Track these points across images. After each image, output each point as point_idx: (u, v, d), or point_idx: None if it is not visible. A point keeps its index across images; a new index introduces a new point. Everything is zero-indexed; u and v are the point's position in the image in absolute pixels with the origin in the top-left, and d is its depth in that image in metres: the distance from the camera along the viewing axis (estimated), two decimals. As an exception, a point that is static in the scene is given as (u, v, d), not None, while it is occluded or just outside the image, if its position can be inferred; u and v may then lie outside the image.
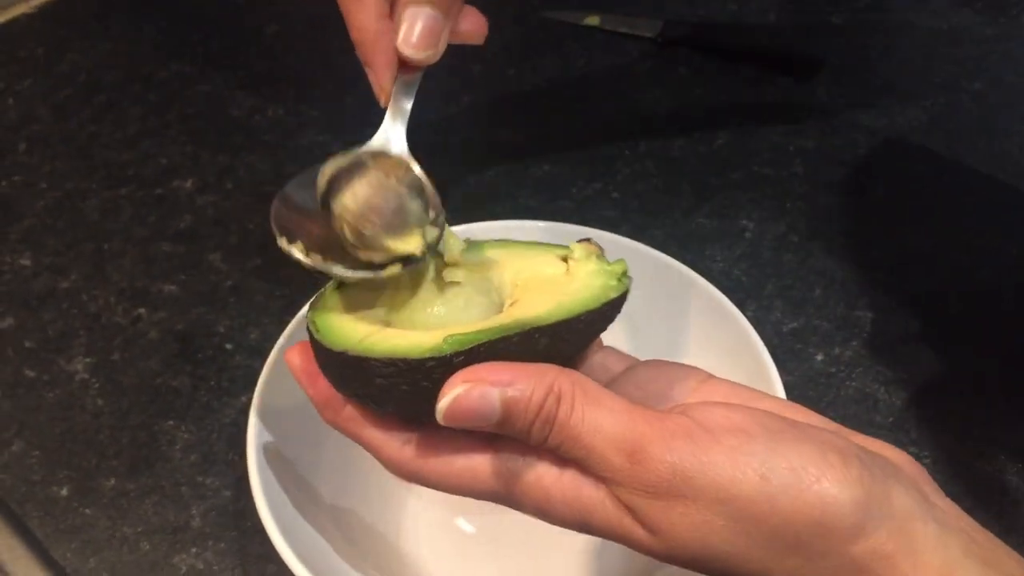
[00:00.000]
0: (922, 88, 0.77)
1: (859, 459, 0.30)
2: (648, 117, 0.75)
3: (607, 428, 0.30)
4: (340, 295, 0.36)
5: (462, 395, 0.30)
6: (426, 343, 0.31)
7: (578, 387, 0.31)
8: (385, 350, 0.31)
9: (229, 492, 0.51)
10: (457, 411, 0.30)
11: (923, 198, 0.68)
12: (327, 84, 0.78)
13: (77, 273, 0.63)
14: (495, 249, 0.38)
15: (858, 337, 0.59)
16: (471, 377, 0.31)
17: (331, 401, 0.34)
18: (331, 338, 0.32)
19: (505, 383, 0.30)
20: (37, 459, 0.53)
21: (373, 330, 0.33)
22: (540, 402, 0.31)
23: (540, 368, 0.31)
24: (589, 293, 0.35)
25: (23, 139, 0.72)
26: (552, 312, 0.33)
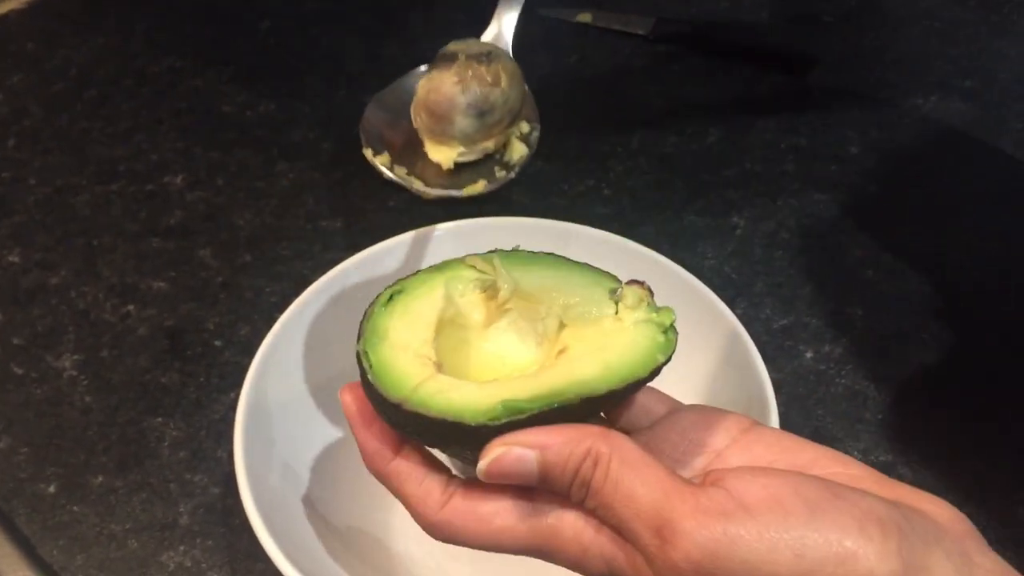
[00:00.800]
0: (915, 86, 0.77)
1: (899, 528, 0.29)
2: (640, 114, 0.75)
3: (640, 500, 0.30)
4: (388, 315, 0.36)
5: (500, 457, 0.32)
6: (481, 404, 0.32)
7: (616, 453, 0.31)
8: (440, 408, 0.32)
9: (217, 489, 0.51)
10: (496, 471, 0.32)
11: (915, 196, 0.68)
12: (318, 79, 0.78)
13: (67, 269, 0.62)
14: (544, 269, 0.38)
15: (848, 335, 0.59)
16: (510, 440, 0.32)
17: (379, 453, 0.35)
18: (386, 384, 0.33)
19: (542, 447, 0.31)
20: (25, 456, 0.53)
21: (426, 374, 0.33)
22: (576, 467, 0.31)
23: (579, 431, 0.32)
24: (638, 354, 0.34)
25: (13, 134, 0.72)
26: (602, 377, 0.33)
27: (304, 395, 0.50)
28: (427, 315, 0.36)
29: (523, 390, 0.32)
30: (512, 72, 0.38)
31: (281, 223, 0.66)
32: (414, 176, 0.37)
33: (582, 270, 0.38)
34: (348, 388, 0.36)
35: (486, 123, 0.37)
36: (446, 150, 0.38)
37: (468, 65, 0.37)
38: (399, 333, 0.35)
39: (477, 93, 0.37)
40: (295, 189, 0.69)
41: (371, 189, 0.68)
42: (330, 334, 0.51)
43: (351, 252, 0.61)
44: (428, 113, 0.37)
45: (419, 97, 0.37)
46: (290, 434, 0.48)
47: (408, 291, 0.36)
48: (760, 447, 0.35)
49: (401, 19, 0.84)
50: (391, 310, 0.36)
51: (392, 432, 0.35)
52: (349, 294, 0.52)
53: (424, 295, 0.36)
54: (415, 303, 0.36)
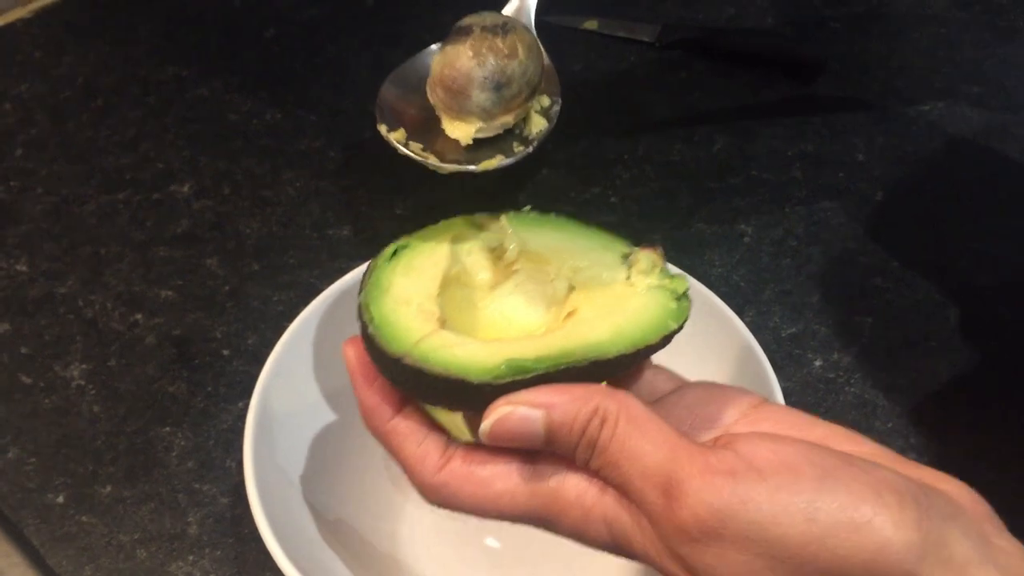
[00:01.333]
0: (921, 93, 0.77)
1: (916, 500, 0.28)
2: (647, 121, 0.75)
3: (646, 458, 0.30)
4: (392, 268, 0.35)
5: (505, 416, 0.30)
6: (485, 363, 0.31)
7: (623, 410, 0.30)
8: (443, 363, 0.31)
9: (226, 499, 0.51)
10: (500, 432, 0.31)
11: (922, 203, 0.68)
12: (324, 88, 0.78)
13: (74, 278, 0.62)
14: (554, 231, 0.37)
15: (857, 343, 0.59)
16: (516, 399, 0.31)
17: (378, 410, 0.34)
18: (387, 338, 0.32)
19: (549, 406, 0.30)
20: (33, 466, 0.53)
21: (429, 330, 0.32)
22: (583, 426, 0.30)
23: (586, 389, 0.31)
24: (650, 320, 0.33)
25: (20, 143, 0.72)
26: (612, 341, 0.32)
27: (313, 405, 0.50)
28: (432, 271, 0.35)
29: (529, 350, 0.32)
30: (530, 44, 0.37)
31: (287, 232, 0.66)
32: (430, 152, 0.36)
33: (594, 233, 0.37)
34: (351, 342, 0.35)
35: (504, 97, 0.37)
36: (464, 126, 0.37)
37: (483, 38, 0.36)
38: (402, 287, 0.34)
39: (494, 65, 0.36)
40: (301, 197, 0.69)
41: (377, 197, 0.68)
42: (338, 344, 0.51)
43: (358, 260, 0.61)
44: (444, 89, 0.36)
45: (434, 73, 0.36)
46: (299, 444, 0.48)
47: (413, 247, 0.35)
48: (769, 423, 0.33)
49: (406, 27, 0.84)
50: (395, 264, 0.35)
51: (393, 390, 0.34)
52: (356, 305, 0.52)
53: (429, 251, 0.35)
54: (420, 258, 0.35)
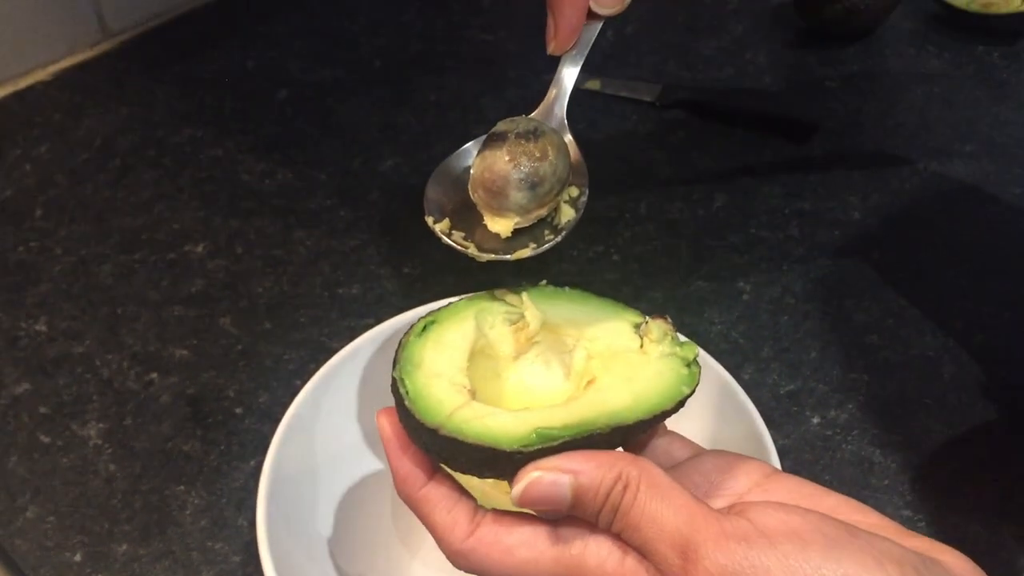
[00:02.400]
0: (915, 151, 0.79)
1: (915, 569, 0.30)
2: (648, 179, 0.77)
3: (666, 521, 0.32)
4: (423, 344, 0.37)
5: (535, 481, 0.33)
6: (516, 431, 0.33)
7: (645, 475, 0.33)
8: (476, 434, 0.33)
9: (238, 557, 0.53)
10: (531, 496, 0.33)
11: (917, 261, 0.70)
12: (335, 148, 0.80)
13: (91, 338, 0.64)
14: (570, 304, 0.40)
15: (854, 400, 0.61)
16: (544, 465, 0.33)
17: (411, 478, 0.36)
18: (422, 410, 0.34)
19: (576, 472, 0.33)
20: (51, 524, 0.54)
21: (461, 402, 0.35)
22: (608, 490, 0.32)
23: (610, 456, 0.33)
24: (664, 386, 0.36)
25: (40, 204, 0.74)
26: (631, 408, 0.35)
27: (324, 464, 0.51)
28: (460, 345, 0.37)
29: (555, 418, 0.34)
30: (559, 144, 0.42)
31: (298, 290, 0.68)
32: (471, 242, 0.42)
33: (606, 304, 0.40)
34: (384, 413, 0.37)
35: (538, 194, 0.42)
36: (504, 221, 0.42)
37: (518, 143, 0.41)
38: (433, 361, 0.36)
39: (527, 168, 0.41)
40: (312, 257, 0.70)
41: (386, 256, 0.70)
42: (349, 404, 0.53)
43: (367, 319, 0.63)
44: (485, 190, 0.41)
45: (475, 176, 0.42)
46: (310, 502, 0.49)
47: (441, 321, 0.38)
48: (781, 493, 0.36)
49: (414, 89, 0.86)
50: (425, 339, 0.37)
51: (425, 459, 0.36)
52: (369, 365, 0.53)
53: (456, 326, 0.38)
54: (448, 333, 0.38)
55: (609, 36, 0.91)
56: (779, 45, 0.92)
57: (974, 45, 0.91)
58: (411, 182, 0.77)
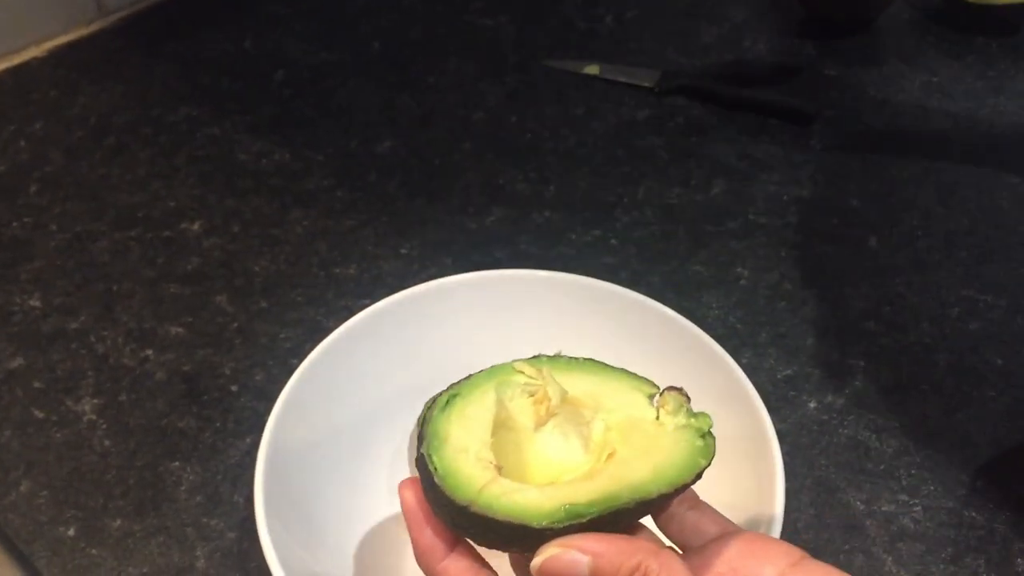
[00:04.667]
0: (914, 140, 0.79)
1: None
2: (646, 165, 0.77)
3: None
4: (447, 418, 0.38)
5: (555, 557, 0.33)
6: (544, 508, 0.34)
7: (664, 570, 0.33)
8: (506, 511, 0.34)
9: (233, 534, 0.52)
10: (548, 570, 0.33)
11: (914, 249, 0.70)
12: (333, 130, 0.80)
13: (86, 314, 0.64)
14: (585, 375, 0.41)
15: (850, 385, 0.61)
16: (565, 543, 0.34)
17: (432, 551, 0.36)
18: (452, 487, 0.35)
19: (596, 554, 0.33)
20: (45, 499, 0.54)
21: (488, 477, 0.35)
22: None
23: (632, 544, 0.34)
24: (682, 459, 0.37)
25: (35, 181, 0.74)
26: (653, 481, 0.36)
27: (321, 442, 0.51)
28: (483, 418, 0.38)
29: (582, 494, 0.35)
30: None
31: (295, 270, 0.68)
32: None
33: (620, 375, 0.41)
34: (407, 485, 0.37)
35: None
36: None
37: None
38: (459, 436, 0.37)
39: None
40: (309, 236, 0.70)
41: (383, 236, 0.70)
42: (347, 383, 0.52)
43: (364, 299, 0.63)
44: None
45: None
46: (307, 480, 0.49)
47: (463, 395, 0.38)
48: None
49: (413, 72, 0.86)
50: (449, 414, 0.38)
51: (445, 531, 0.37)
52: (365, 344, 0.53)
53: (478, 399, 0.38)
54: (470, 407, 0.38)
55: (609, 22, 0.91)
56: (779, 34, 0.92)
57: (973, 36, 0.91)
58: (409, 164, 0.77)
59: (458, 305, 0.56)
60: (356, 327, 0.53)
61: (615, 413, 0.39)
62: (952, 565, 0.52)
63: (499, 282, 0.56)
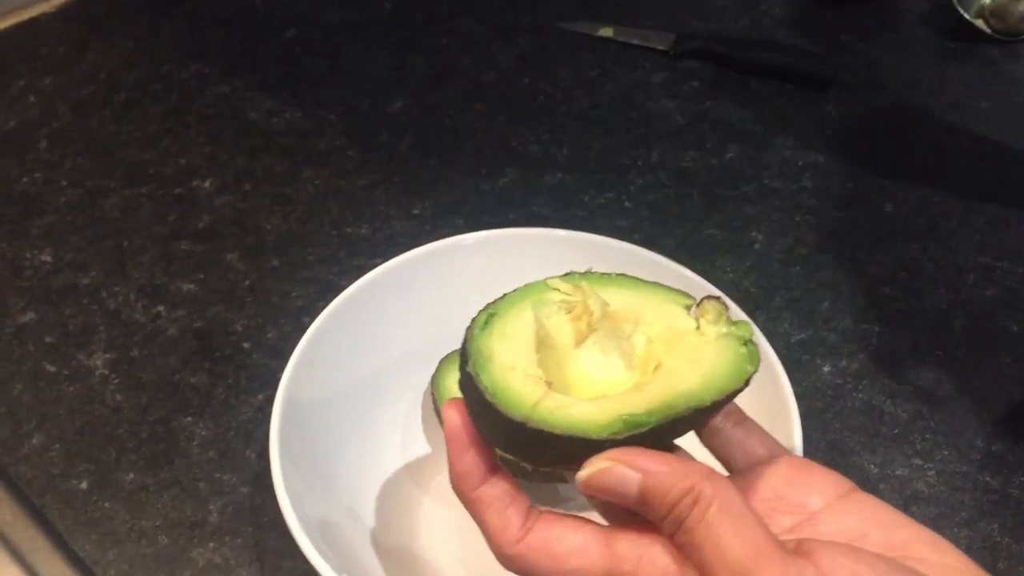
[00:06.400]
0: (930, 106, 0.78)
1: None
2: (660, 128, 0.76)
3: (730, 550, 0.30)
4: (488, 337, 0.36)
5: (605, 471, 0.32)
6: (602, 420, 0.33)
7: (718, 496, 0.31)
8: (563, 424, 0.32)
9: (246, 489, 0.52)
10: (596, 483, 0.32)
11: (929, 215, 0.69)
12: (344, 89, 0.79)
13: (97, 270, 0.64)
14: (620, 289, 0.39)
15: (865, 350, 0.60)
16: (615, 456, 0.32)
17: (468, 477, 0.35)
18: (506, 403, 0.33)
19: (648, 472, 0.32)
20: (57, 452, 0.54)
21: (541, 393, 0.34)
22: (675, 500, 0.31)
23: (686, 466, 0.32)
24: (730, 366, 0.35)
25: (44, 136, 0.73)
26: (705, 389, 0.34)
27: (335, 398, 0.51)
28: (524, 336, 0.36)
29: (638, 404, 0.33)
30: None
31: (306, 229, 0.67)
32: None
33: (655, 288, 0.39)
34: (453, 405, 0.35)
35: None
36: None
37: None
38: (504, 354, 0.35)
39: None
40: (320, 196, 0.70)
41: (395, 197, 0.69)
42: (360, 341, 0.52)
43: (376, 258, 0.63)
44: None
45: None
46: (321, 436, 0.49)
47: (500, 314, 0.37)
48: (854, 518, 0.34)
49: (425, 32, 0.85)
50: (490, 332, 0.36)
51: (484, 457, 0.35)
52: (379, 302, 0.53)
53: (516, 317, 0.37)
54: (510, 325, 0.36)
55: (623, -16, 0.90)
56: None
57: (992, 3, 0.90)
58: (421, 124, 0.76)
59: (471, 263, 0.55)
60: (370, 284, 0.53)
61: (655, 325, 0.37)
62: (966, 529, 0.52)
63: (515, 240, 0.56)
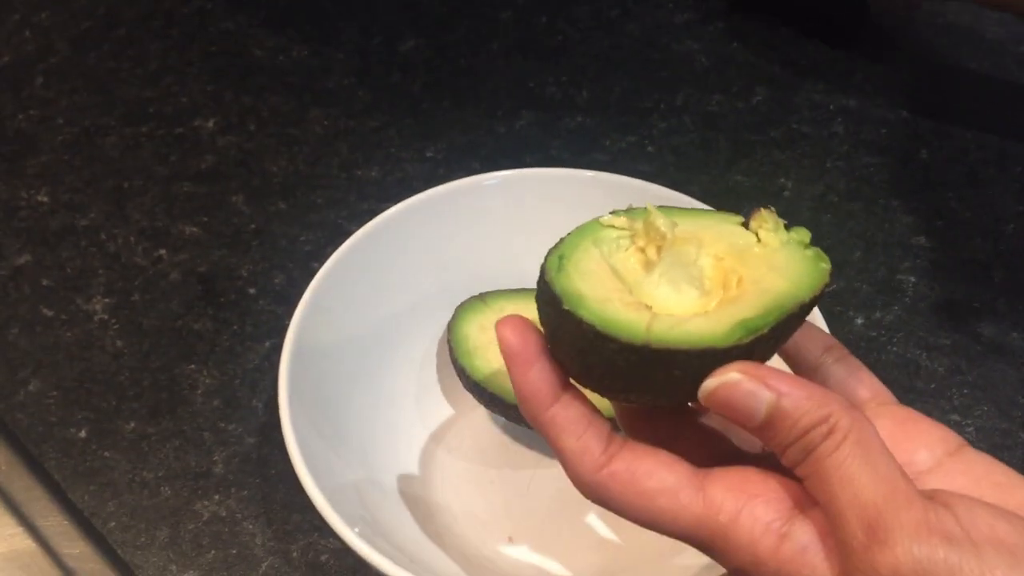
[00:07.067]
0: (968, 51, 0.75)
1: None
2: (684, 71, 0.73)
3: (863, 488, 0.27)
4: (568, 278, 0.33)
5: (734, 384, 0.29)
6: (719, 329, 0.30)
7: (856, 428, 0.28)
8: (687, 340, 0.30)
9: (252, 439, 0.50)
10: (720, 398, 0.29)
11: (968, 162, 0.66)
12: (353, 26, 0.75)
13: (96, 211, 0.61)
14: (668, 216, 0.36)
15: (900, 302, 0.58)
16: (750, 371, 0.29)
17: (537, 397, 0.31)
18: (620, 330, 0.30)
19: (782, 393, 0.29)
20: (55, 399, 0.51)
21: (649, 316, 0.31)
22: (807, 427, 0.28)
23: (826, 394, 0.29)
24: (808, 267, 0.33)
25: (40, 72, 0.70)
26: (799, 287, 0.32)
27: (345, 346, 0.48)
28: (600, 270, 0.34)
29: (748, 309, 0.31)
30: None
31: (315, 171, 0.64)
32: None
33: (702, 213, 0.37)
34: (508, 323, 0.32)
35: None
36: None
37: None
38: (591, 290, 0.32)
39: None
40: (329, 137, 0.67)
41: (407, 139, 0.66)
42: (371, 286, 0.50)
43: (387, 202, 0.60)
44: None
45: None
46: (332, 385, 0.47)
47: (568, 255, 0.34)
48: (966, 478, 0.31)
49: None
50: (568, 274, 0.33)
51: (553, 376, 0.32)
52: (390, 246, 0.50)
53: (584, 255, 0.34)
54: (583, 263, 0.34)
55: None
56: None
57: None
58: (434, 64, 0.73)
59: (492, 205, 0.53)
60: (383, 227, 0.51)
61: (718, 244, 0.35)
62: (1005, 488, 0.50)
63: (532, 181, 0.53)
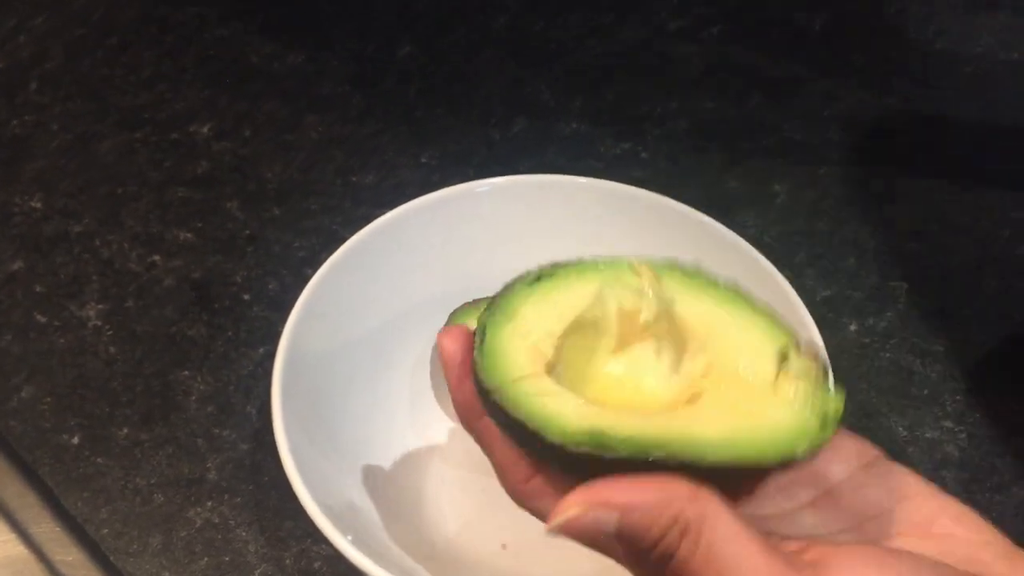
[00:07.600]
0: (960, 57, 0.75)
1: None
2: (678, 76, 0.73)
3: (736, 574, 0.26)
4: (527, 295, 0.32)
5: (575, 518, 0.27)
6: (570, 425, 0.28)
7: (707, 523, 0.27)
8: (527, 411, 0.29)
9: (246, 446, 0.50)
10: (570, 533, 0.28)
11: (961, 169, 0.66)
12: (348, 33, 0.76)
13: (90, 217, 0.61)
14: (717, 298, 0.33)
15: (892, 308, 0.58)
16: (588, 498, 0.27)
17: (473, 406, 0.31)
18: (487, 368, 0.30)
19: (624, 509, 0.27)
20: (48, 406, 0.51)
21: (531, 371, 0.30)
22: (659, 536, 0.27)
23: (667, 492, 0.27)
24: (774, 436, 0.29)
25: (35, 78, 0.70)
26: (717, 446, 0.28)
27: (338, 353, 0.48)
28: (565, 309, 0.32)
29: (622, 427, 0.28)
30: None
31: (309, 177, 0.64)
32: None
33: (759, 315, 0.32)
34: (449, 332, 0.32)
35: None
36: None
37: None
38: (527, 318, 0.31)
39: None
40: (324, 143, 0.67)
41: (402, 145, 0.66)
42: (365, 292, 0.50)
43: (382, 208, 0.60)
44: None
45: None
46: (325, 392, 0.46)
47: (558, 277, 0.33)
48: (877, 491, 0.30)
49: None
50: (533, 290, 0.32)
51: None
52: (384, 252, 0.50)
53: (572, 287, 0.33)
54: (559, 292, 0.32)
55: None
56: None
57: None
58: (428, 70, 0.73)
59: (485, 212, 0.53)
60: (377, 233, 0.50)
61: (724, 356, 0.31)
62: (998, 495, 0.50)
63: (529, 188, 0.53)
